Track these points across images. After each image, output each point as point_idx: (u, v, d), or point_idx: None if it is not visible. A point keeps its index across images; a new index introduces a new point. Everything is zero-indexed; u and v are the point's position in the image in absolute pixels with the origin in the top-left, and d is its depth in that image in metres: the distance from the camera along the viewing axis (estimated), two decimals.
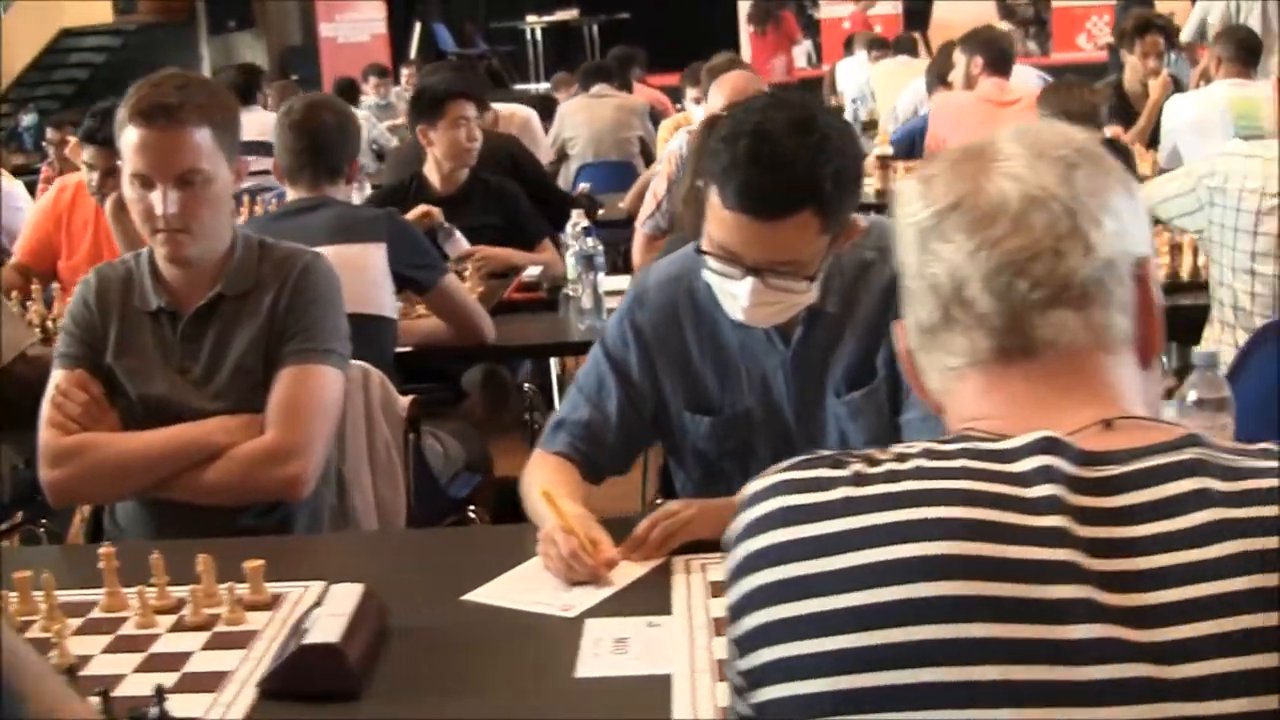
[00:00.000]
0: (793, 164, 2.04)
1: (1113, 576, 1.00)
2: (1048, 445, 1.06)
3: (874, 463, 1.10)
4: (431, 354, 3.83)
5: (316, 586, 2.06)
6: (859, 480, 1.09)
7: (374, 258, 3.43)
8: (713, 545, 1.91)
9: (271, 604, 2.05)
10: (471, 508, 3.55)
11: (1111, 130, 6.40)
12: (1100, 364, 1.13)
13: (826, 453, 1.15)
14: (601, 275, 3.75)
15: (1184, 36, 8.57)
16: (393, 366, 3.49)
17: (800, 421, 2.32)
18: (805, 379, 2.30)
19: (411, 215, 4.29)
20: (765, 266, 2.11)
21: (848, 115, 9.37)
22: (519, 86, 14.66)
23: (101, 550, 2.08)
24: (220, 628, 1.99)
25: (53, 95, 14.54)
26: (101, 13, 14.35)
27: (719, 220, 2.10)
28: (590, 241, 3.79)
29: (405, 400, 3.26)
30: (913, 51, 9.61)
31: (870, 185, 6.09)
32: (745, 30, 15.98)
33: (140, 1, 14.47)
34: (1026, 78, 7.63)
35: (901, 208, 1.20)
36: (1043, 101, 4.45)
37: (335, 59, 14.04)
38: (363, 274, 3.41)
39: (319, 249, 3.42)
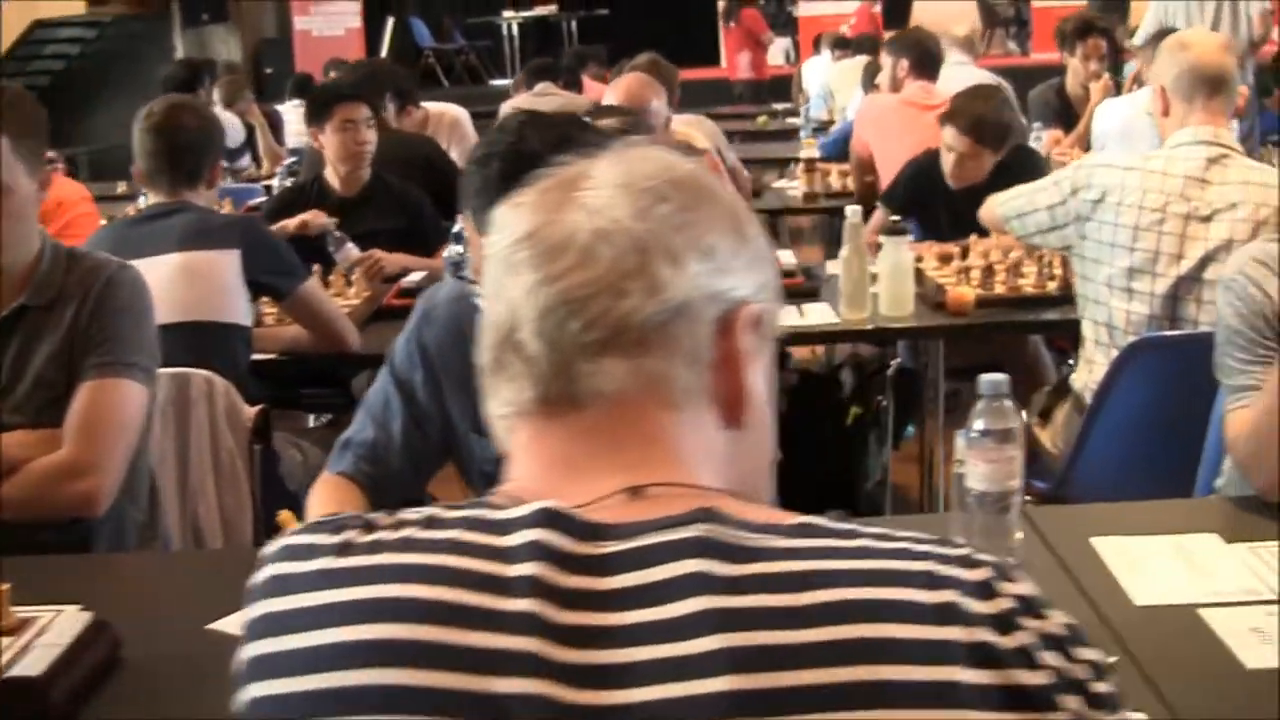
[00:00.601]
0: None
1: (582, 670, 0.90)
2: (547, 517, 0.96)
3: (370, 529, 1.00)
4: (328, 360, 3.75)
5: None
6: (342, 550, 0.99)
7: (226, 264, 3.37)
8: None
9: (17, 629, 1.97)
10: None
11: (1051, 134, 6.33)
12: (655, 421, 1.02)
13: (348, 513, 1.04)
14: None
15: (1137, 40, 8.47)
16: (247, 374, 3.43)
17: None
18: None
19: (294, 222, 4.23)
20: None
21: (812, 114, 9.30)
22: (496, 82, 14.61)
23: None
24: None
25: (30, 86, 14.43)
26: (74, 5, 14.28)
27: (477, 246, 2.03)
28: (459, 248, 3.71)
29: (251, 410, 3.21)
30: (874, 51, 9.50)
31: (796, 189, 6.03)
32: (724, 29, 15.93)
33: None
34: (981, 79, 7.55)
35: (490, 235, 1.11)
36: (951, 110, 4.36)
37: (309, 53, 13.96)
38: (213, 281, 3.36)
39: (170, 256, 3.39)
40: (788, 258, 4.12)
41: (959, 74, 7.37)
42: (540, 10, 15.76)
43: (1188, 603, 1.85)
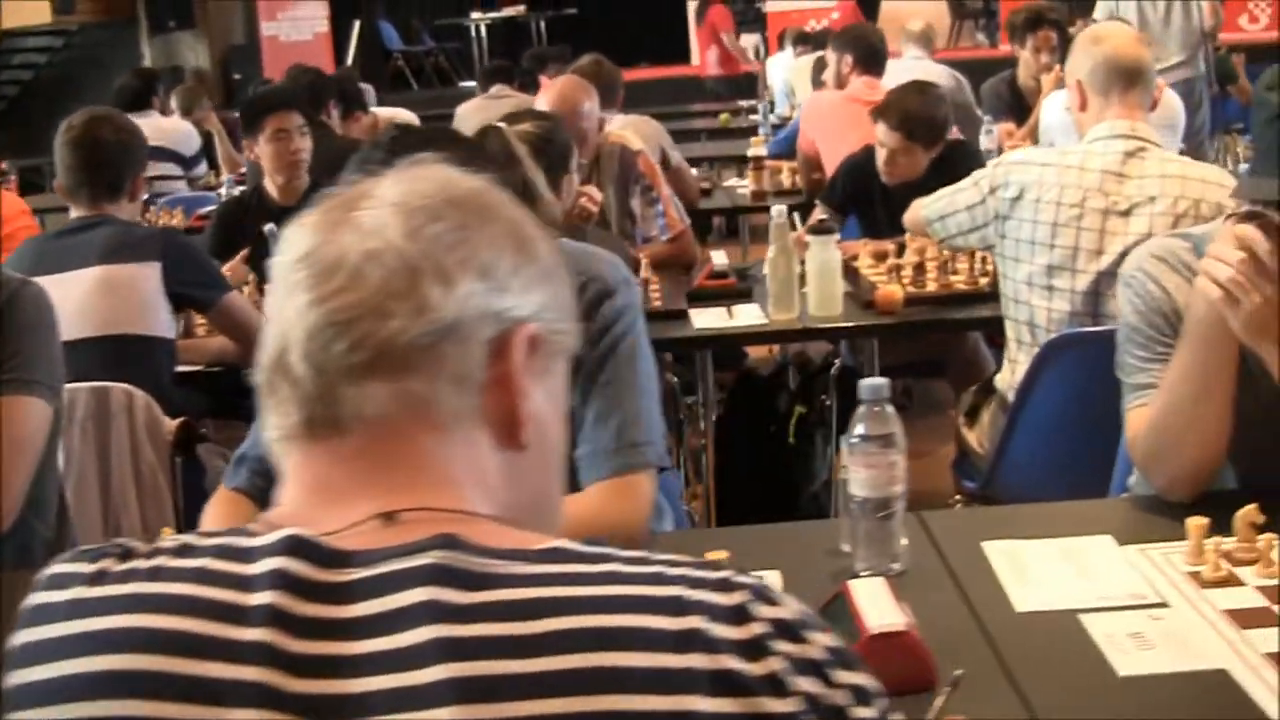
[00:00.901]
0: None
1: (311, 701, 0.88)
2: (291, 545, 0.94)
3: (126, 558, 0.98)
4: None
5: None
6: (95, 579, 0.97)
7: (146, 277, 3.36)
8: None
9: None
10: None
11: (1003, 127, 6.31)
12: (419, 444, 1.00)
13: (117, 541, 1.02)
14: None
15: None
16: (170, 387, 3.41)
17: None
18: None
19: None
20: None
21: (777, 110, 9.28)
22: (465, 84, 14.56)
23: None
24: None
25: None
26: (39, 13, 14.21)
27: None
28: None
29: (172, 423, 3.20)
30: None
31: (746, 188, 6.01)
32: (694, 25, 15.88)
33: (79, 1, 14.32)
34: (937, 74, 7.54)
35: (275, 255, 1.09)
36: (883, 106, 4.34)
37: (277, 58, 13.87)
38: (134, 294, 3.36)
39: (91, 269, 3.37)
40: (720, 258, 4.09)
41: (914, 68, 7.38)
42: (508, 11, 15.71)
43: (1069, 608, 1.83)
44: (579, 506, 2.13)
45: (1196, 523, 1.94)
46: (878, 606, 1.70)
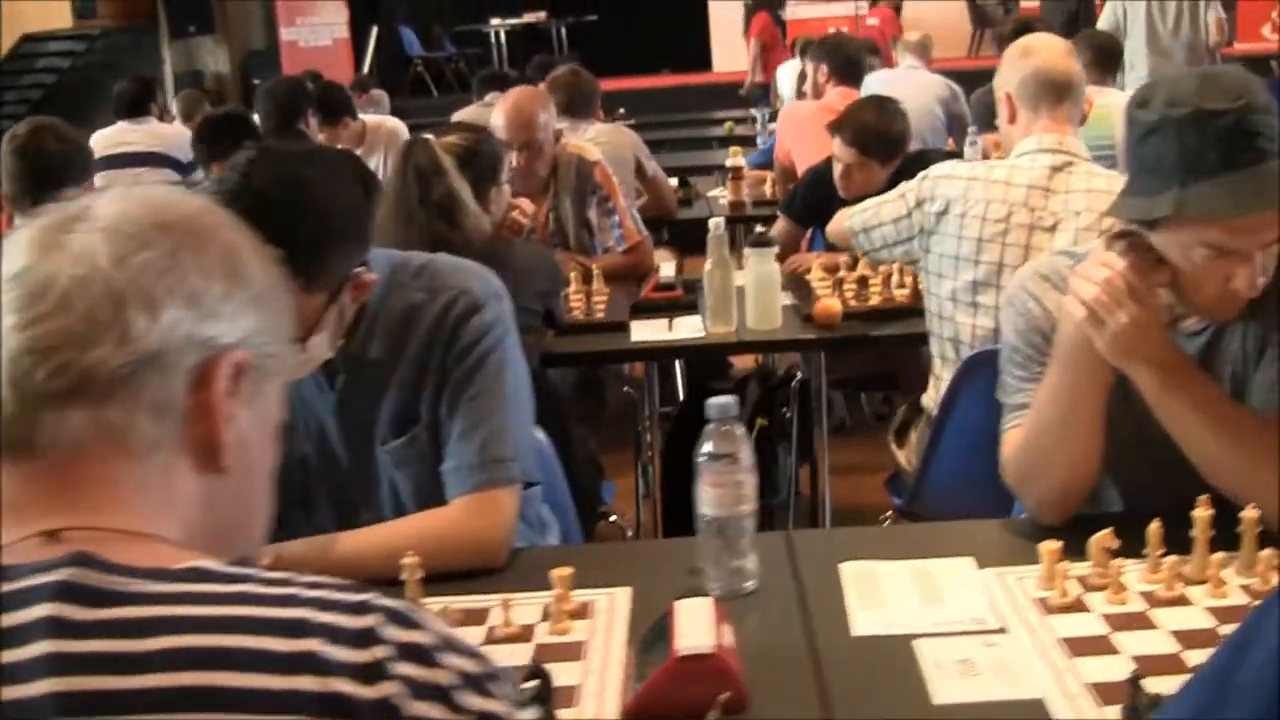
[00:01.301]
0: (263, 225, 1.95)
1: None
2: None
3: None
4: None
5: None
6: None
7: None
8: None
9: None
10: None
11: (990, 137, 6.26)
12: (108, 468, 1.01)
13: None
14: None
15: None
16: None
17: (355, 470, 2.24)
18: (354, 427, 2.22)
19: None
20: None
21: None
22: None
23: None
24: None
25: (21, 100, 14.53)
26: (60, 17, 14.34)
27: None
28: None
29: None
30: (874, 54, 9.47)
31: (724, 197, 5.99)
32: (715, 31, 15.89)
33: (100, 5, 14.44)
34: (931, 84, 7.51)
35: None
36: (839, 120, 4.31)
37: (297, 63, 13.95)
38: None
39: None
40: (668, 270, 4.08)
41: (909, 78, 7.36)
42: (529, 18, 15.74)
43: (905, 633, 1.81)
44: (440, 521, 2.13)
45: (1048, 547, 1.91)
46: (693, 628, 1.69)
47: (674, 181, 5.99)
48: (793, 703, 1.66)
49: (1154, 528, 1.92)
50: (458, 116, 7.54)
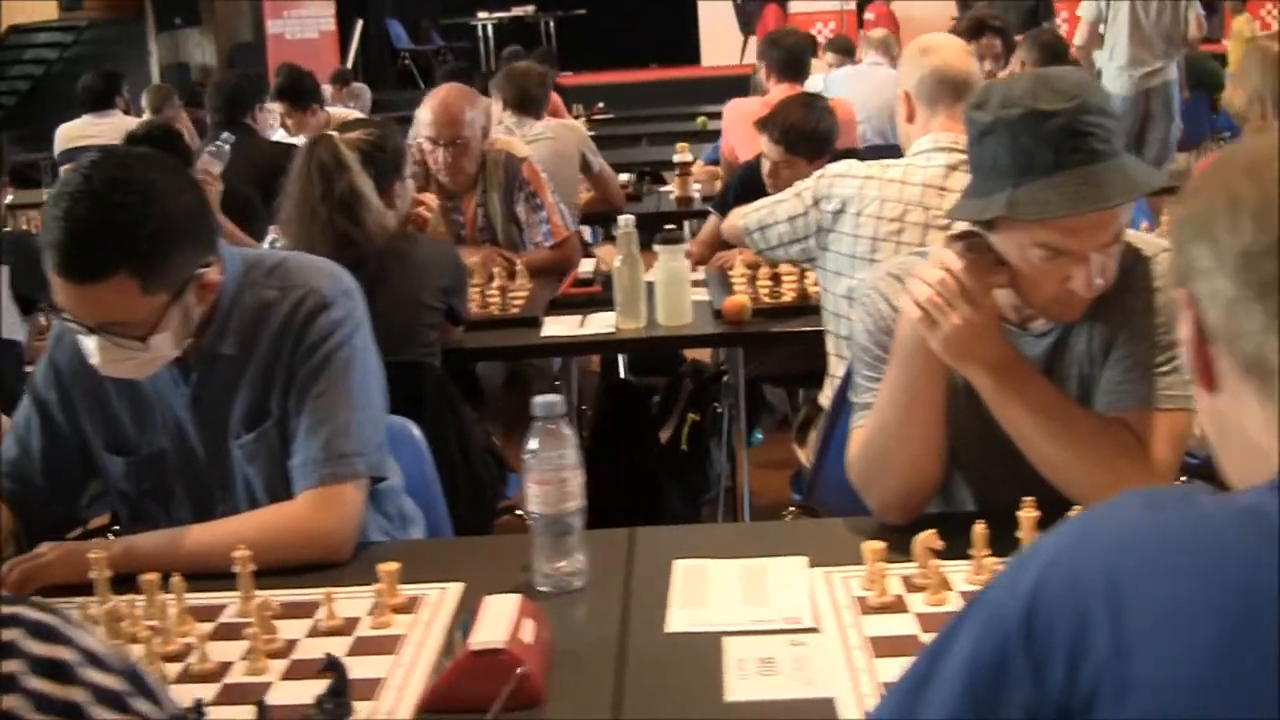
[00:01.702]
0: (103, 226, 1.98)
1: None
2: None
3: None
4: None
5: None
6: None
7: None
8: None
9: None
10: None
11: None
12: None
13: None
14: None
15: (1077, 41, 8.46)
16: (16, 389, 3.44)
17: (211, 464, 2.25)
18: (208, 422, 2.24)
19: None
20: (99, 326, 2.04)
21: None
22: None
23: None
24: None
25: (9, 91, 14.58)
26: (47, 9, 14.37)
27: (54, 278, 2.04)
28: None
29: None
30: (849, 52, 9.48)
31: (672, 193, 6.00)
32: (703, 26, 15.87)
33: None
34: (893, 80, 7.50)
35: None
36: (766, 118, 4.30)
37: (283, 56, 13.94)
38: None
39: None
40: (587, 265, 4.09)
41: (870, 74, 7.37)
42: (517, 11, 15.73)
43: (716, 630, 1.82)
44: (284, 515, 2.15)
45: (871, 547, 1.92)
46: (492, 624, 1.70)
47: (624, 177, 5.99)
48: (588, 699, 1.67)
49: (978, 529, 1.93)
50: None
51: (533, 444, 1.95)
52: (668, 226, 3.67)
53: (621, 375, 5.17)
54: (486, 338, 3.64)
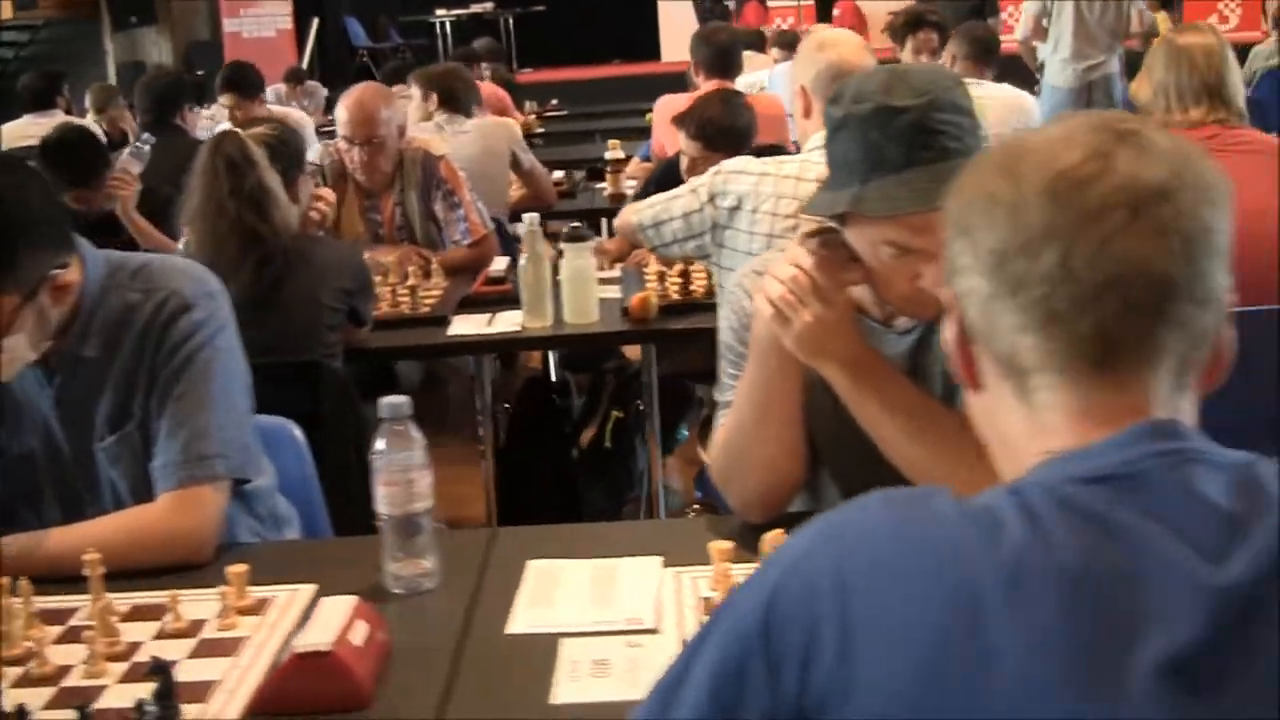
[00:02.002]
0: None
1: None
2: None
3: None
4: None
5: None
6: None
7: None
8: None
9: None
10: None
11: None
12: None
13: None
14: None
15: (1019, 34, 8.51)
16: None
17: (77, 466, 2.25)
18: (74, 423, 2.23)
19: None
20: None
21: None
22: None
23: None
24: None
25: None
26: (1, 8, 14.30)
27: None
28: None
29: None
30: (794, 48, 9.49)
31: (606, 190, 6.00)
32: (664, 22, 15.86)
33: None
34: None
35: None
36: (683, 113, 4.30)
37: (240, 54, 13.86)
38: None
39: None
40: (500, 264, 4.09)
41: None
42: (476, 8, 15.70)
43: (555, 631, 1.82)
44: (144, 517, 2.15)
45: (718, 547, 1.92)
46: (323, 626, 1.69)
47: (558, 174, 5.98)
48: (416, 701, 1.66)
49: None
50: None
51: (380, 445, 1.94)
52: (574, 225, 3.66)
53: (552, 374, 5.17)
54: (394, 337, 3.64)
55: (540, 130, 9.62)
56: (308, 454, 2.61)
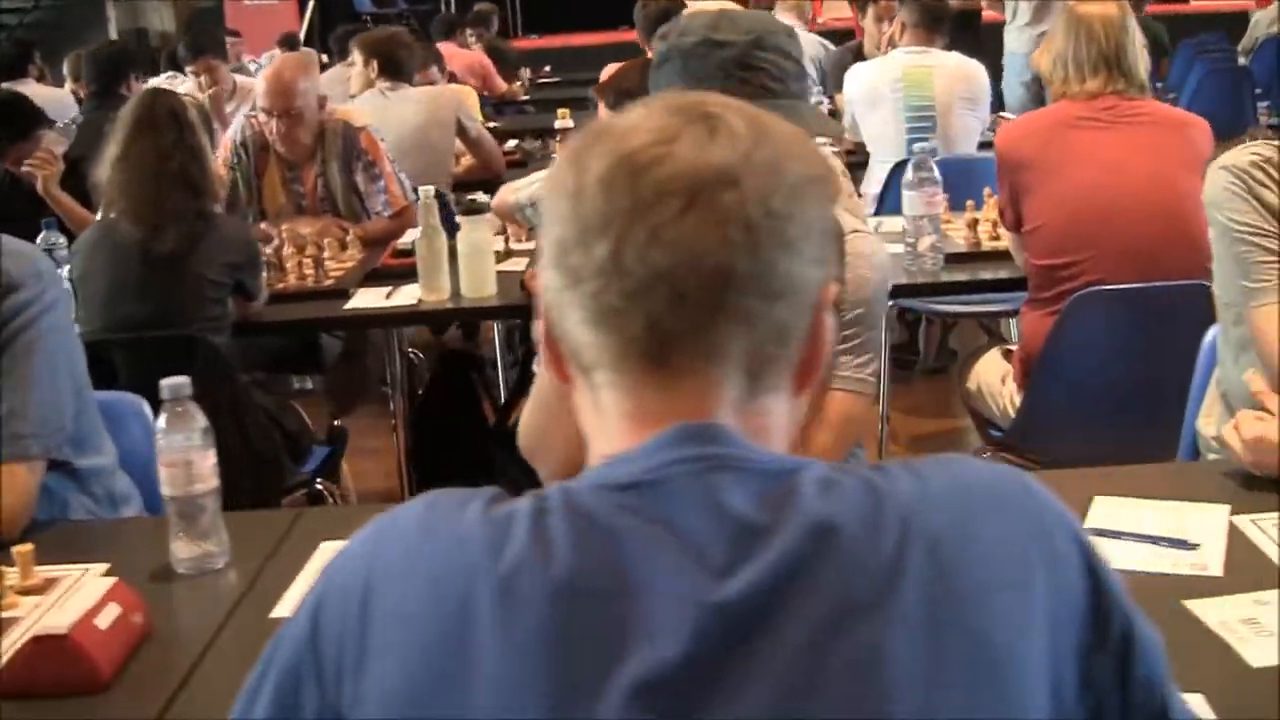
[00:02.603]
0: None
1: None
2: None
3: None
4: None
5: None
6: None
7: None
8: None
9: None
10: None
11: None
12: None
13: None
14: None
15: None
16: None
17: None
18: None
19: None
20: None
21: None
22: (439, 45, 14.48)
23: None
24: None
25: None
26: None
27: None
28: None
29: None
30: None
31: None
32: None
33: None
34: (806, 43, 7.43)
35: None
36: (601, 85, 4.26)
37: (242, 21, 13.92)
38: None
39: None
40: (410, 235, 4.08)
41: None
42: None
43: None
44: None
45: None
46: (72, 608, 1.70)
47: (511, 143, 5.96)
48: (153, 686, 1.66)
49: None
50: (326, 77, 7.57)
51: (160, 425, 1.95)
52: (469, 198, 3.65)
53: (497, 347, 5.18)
54: (293, 310, 3.64)
55: (525, 98, 9.58)
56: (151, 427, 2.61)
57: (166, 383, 1.95)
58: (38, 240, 3.72)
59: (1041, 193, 3.25)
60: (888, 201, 4.84)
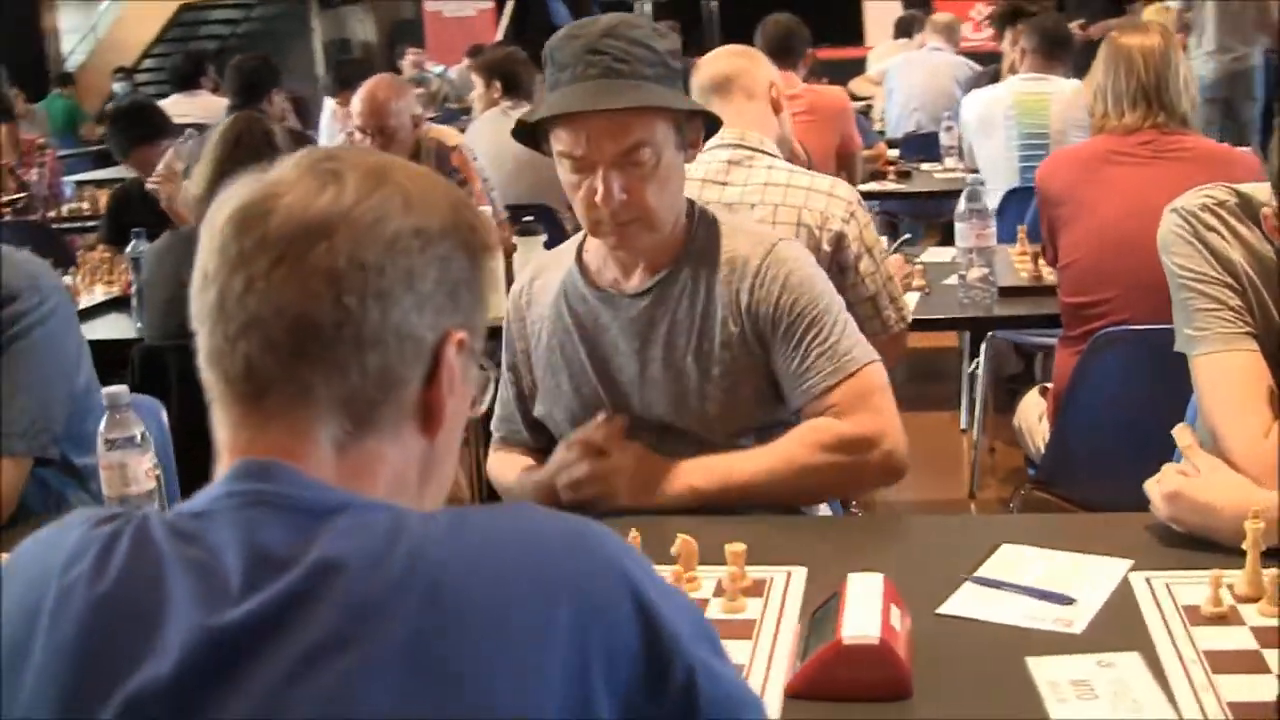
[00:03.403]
0: None
1: None
2: None
3: None
4: None
5: None
6: None
7: None
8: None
9: None
10: None
11: None
12: None
13: None
14: None
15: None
16: None
17: None
18: None
19: None
20: None
21: None
22: None
23: None
24: None
25: None
26: None
27: None
28: None
29: None
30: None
31: None
32: (868, 6, 15.64)
33: None
34: (954, 65, 7.42)
35: None
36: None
37: (441, 34, 14.38)
38: None
39: None
40: None
41: (930, 59, 7.30)
42: None
43: None
44: None
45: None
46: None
47: None
48: None
49: None
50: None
51: (100, 430, 2.09)
52: (525, 219, 3.75)
53: None
54: None
55: None
56: (167, 433, 2.77)
57: (108, 390, 2.09)
58: (127, 248, 3.95)
59: (1074, 229, 3.21)
60: (998, 231, 4.79)
